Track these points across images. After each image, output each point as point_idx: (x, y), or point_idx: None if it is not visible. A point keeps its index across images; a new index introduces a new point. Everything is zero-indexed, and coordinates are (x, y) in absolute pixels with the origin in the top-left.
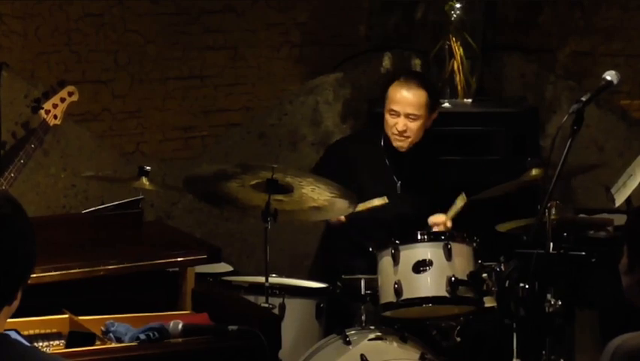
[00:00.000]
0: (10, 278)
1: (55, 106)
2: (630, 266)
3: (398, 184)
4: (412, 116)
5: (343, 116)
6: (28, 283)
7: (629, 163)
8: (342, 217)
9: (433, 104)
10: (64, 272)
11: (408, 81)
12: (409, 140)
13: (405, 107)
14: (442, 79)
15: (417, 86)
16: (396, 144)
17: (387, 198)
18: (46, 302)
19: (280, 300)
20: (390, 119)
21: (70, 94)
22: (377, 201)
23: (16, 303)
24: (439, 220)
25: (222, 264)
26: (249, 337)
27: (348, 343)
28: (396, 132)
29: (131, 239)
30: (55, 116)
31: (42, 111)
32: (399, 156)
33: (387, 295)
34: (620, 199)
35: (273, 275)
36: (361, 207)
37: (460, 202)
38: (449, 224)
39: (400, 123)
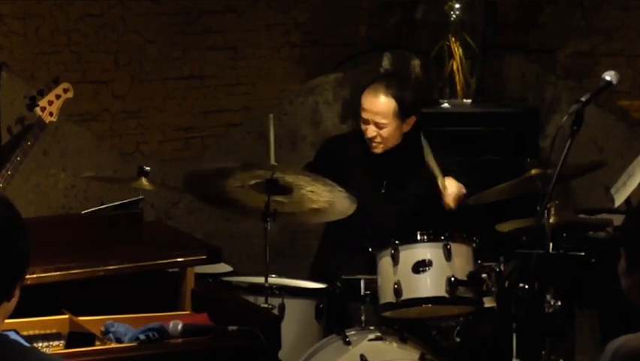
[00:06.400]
0: (6, 275)
1: (50, 103)
2: (628, 268)
3: (384, 183)
4: (381, 124)
5: (343, 116)
6: (27, 282)
7: (629, 163)
8: None
9: (403, 111)
10: (64, 272)
11: (376, 90)
12: (382, 145)
13: (373, 115)
14: (441, 79)
15: (385, 94)
16: (371, 149)
17: (373, 196)
18: (46, 302)
19: (280, 300)
20: (362, 126)
21: (65, 91)
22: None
23: (14, 300)
24: (455, 192)
25: (222, 264)
26: (249, 337)
27: (348, 343)
28: (368, 138)
29: (131, 239)
30: (51, 114)
31: (37, 109)
32: (381, 157)
33: (387, 296)
34: (619, 199)
35: (273, 275)
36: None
37: (426, 148)
38: (464, 190)
39: (370, 130)
